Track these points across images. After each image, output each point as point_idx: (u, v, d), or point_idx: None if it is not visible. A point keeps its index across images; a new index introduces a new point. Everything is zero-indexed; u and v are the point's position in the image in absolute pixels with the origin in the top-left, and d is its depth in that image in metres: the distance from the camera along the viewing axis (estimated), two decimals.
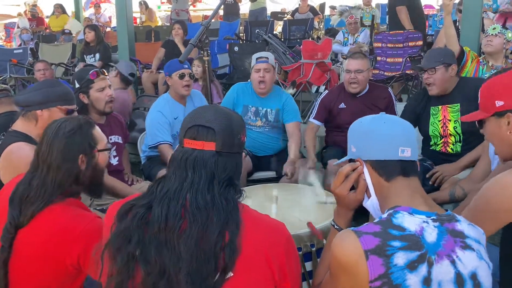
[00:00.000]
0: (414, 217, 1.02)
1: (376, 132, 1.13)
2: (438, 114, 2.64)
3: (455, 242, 1.01)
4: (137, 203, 1.07)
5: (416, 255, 0.97)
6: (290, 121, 3.07)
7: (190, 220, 1.01)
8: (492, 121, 1.34)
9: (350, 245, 0.99)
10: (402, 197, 1.08)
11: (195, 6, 12.12)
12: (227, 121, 1.12)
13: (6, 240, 1.33)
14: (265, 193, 2.24)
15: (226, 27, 7.28)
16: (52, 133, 1.43)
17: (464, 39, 3.51)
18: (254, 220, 1.08)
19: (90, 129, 1.49)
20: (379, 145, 1.12)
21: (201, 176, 1.06)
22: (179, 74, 2.93)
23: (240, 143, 1.15)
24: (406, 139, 1.12)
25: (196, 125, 1.11)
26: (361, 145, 1.16)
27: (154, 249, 1.01)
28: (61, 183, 1.40)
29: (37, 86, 2.03)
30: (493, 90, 1.33)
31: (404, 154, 1.10)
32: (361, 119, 1.22)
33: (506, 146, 1.32)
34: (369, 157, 1.13)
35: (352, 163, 1.19)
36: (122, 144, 2.71)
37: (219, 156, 1.09)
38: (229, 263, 0.99)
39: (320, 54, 5.08)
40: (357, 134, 1.19)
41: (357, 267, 0.97)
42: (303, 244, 1.75)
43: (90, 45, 5.65)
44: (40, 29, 9.94)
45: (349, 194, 1.20)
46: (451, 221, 1.04)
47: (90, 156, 1.47)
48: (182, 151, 1.11)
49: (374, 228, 1.01)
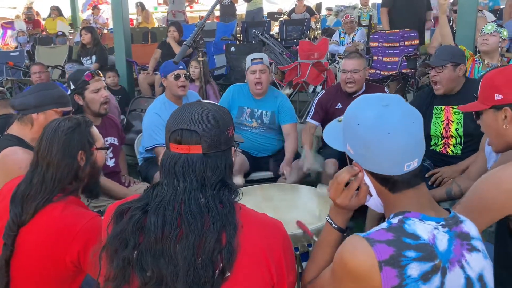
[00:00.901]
0: (425, 224, 0.98)
1: (378, 146, 0.98)
2: (441, 114, 2.62)
3: (461, 245, 0.99)
4: (133, 205, 1.06)
5: (430, 266, 0.94)
6: (286, 122, 3.08)
7: (186, 229, 1.00)
8: (489, 114, 1.35)
9: (363, 255, 0.94)
10: (410, 206, 1.01)
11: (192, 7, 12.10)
12: (212, 120, 1.07)
13: (9, 238, 1.34)
14: (262, 194, 2.24)
15: (223, 28, 7.29)
16: (51, 130, 1.46)
17: (460, 38, 3.53)
18: (251, 220, 1.08)
19: (88, 127, 1.52)
20: (382, 161, 0.99)
21: (191, 182, 1.04)
22: (174, 75, 2.93)
23: (227, 139, 1.10)
24: (412, 150, 0.98)
25: (179, 129, 1.07)
26: (359, 152, 1.02)
27: (151, 258, 1.00)
28: (61, 179, 1.42)
29: (32, 89, 2.04)
30: (494, 83, 1.33)
31: (410, 168, 0.99)
32: (358, 117, 1.01)
33: (500, 139, 1.34)
34: (370, 169, 1.02)
35: (350, 168, 1.07)
36: (118, 146, 2.71)
37: (207, 158, 1.06)
38: (227, 264, 0.99)
39: (317, 54, 5.09)
40: (354, 137, 1.02)
41: (370, 277, 0.93)
42: (300, 244, 1.76)
43: (87, 47, 5.64)
44: (36, 31, 9.92)
45: (350, 201, 1.10)
46: (457, 224, 1.01)
47: (89, 153, 1.49)
48: (170, 155, 1.08)
49: (386, 236, 0.95)
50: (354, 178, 1.06)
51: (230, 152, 1.13)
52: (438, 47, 2.80)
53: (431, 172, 2.49)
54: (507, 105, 1.29)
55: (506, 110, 1.29)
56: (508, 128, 1.30)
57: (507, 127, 1.30)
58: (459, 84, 2.57)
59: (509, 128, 1.30)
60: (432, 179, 2.45)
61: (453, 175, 2.40)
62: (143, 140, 3.03)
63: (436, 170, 2.49)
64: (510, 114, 1.29)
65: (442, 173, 2.44)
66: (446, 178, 2.41)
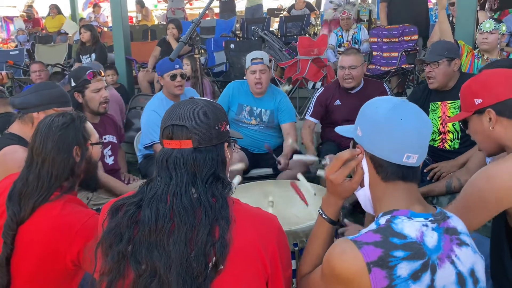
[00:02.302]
0: (414, 222, 0.98)
1: (388, 128, 1.03)
2: (438, 110, 2.63)
3: (451, 240, 0.99)
4: (128, 201, 1.08)
5: (419, 264, 0.94)
6: (285, 121, 3.09)
7: (178, 222, 1.02)
8: (474, 119, 1.38)
9: (350, 258, 0.94)
10: (397, 201, 1.03)
11: (192, 4, 12.09)
12: (201, 115, 1.10)
13: (8, 236, 1.34)
14: (261, 190, 2.24)
15: (223, 25, 7.27)
16: (46, 127, 1.45)
17: (459, 33, 3.51)
18: (245, 214, 1.09)
19: (82, 122, 1.52)
20: (385, 144, 1.03)
21: (182, 176, 1.06)
22: (170, 75, 2.93)
23: (219, 134, 1.12)
24: (416, 144, 1.02)
25: (170, 125, 1.10)
26: (367, 133, 1.07)
27: (145, 250, 1.02)
28: (57, 175, 1.41)
29: (33, 88, 2.04)
30: (471, 90, 1.38)
31: (409, 160, 1.02)
32: (378, 102, 1.09)
33: (490, 142, 1.37)
34: (371, 151, 1.06)
35: (353, 149, 1.11)
36: (116, 143, 2.72)
37: (198, 153, 1.08)
38: (220, 258, 1.00)
39: (316, 50, 5.07)
40: (368, 119, 1.08)
41: (358, 280, 0.93)
42: (299, 240, 1.76)
43: (86, 45, 5.63)
44: (36, 30, 9.91)
45: (344, 182, 1.12)
46: (445, 220, 1.02)
47: (84, 148, 1.49)
48: (163, 151, 1.11)
49: (374, 238, 0.96)
50: (354, 159, 1.10)
51: (223, 147, 1.15)
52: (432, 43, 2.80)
53: (429, 167, 2.49)
54: (488, 107, 1.32)
55: (489, 111, 1.33)
56: (494, 129, 1.33)
57: (493, 128, 1.33)
58: (454, 79, 2.58)
59: (496, 128, 1.33)
60: (431, 174, 2.45)
61: (452, 170, 2.41)
62: (142, 137, 3.04)
63: (434, 165, 2.49)
64: (494, 115, 1.32)
65: (440, 167, 2.45)
66: (445, 172, 2.42)
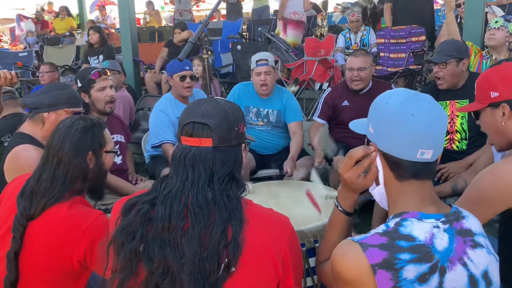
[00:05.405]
0: (424, 223, 0.97)
1: (399, 124, 0.99)
2: (446, 109, 2.61)
3: (464, 242, 0.97)
4: (141, 199, 1.08)
5: (427, 267, 0.92)
6: (292, 120, 3.09)
7: (193, 220, 1.01)
8: (487, 112, 1.35)
9: (353, 260, 0.94)
10: (410, 203, 1.01)
11: (199, 6, 12.11)
12: (223, 114, 1.10)
13: (17, 231, 1.36)
14: (268, 191, 2.25)
15: (229, 26, 7.28)
16: (65, 127, 1.47)
17: (467, 34, 3.49)
18: (258, 215, 1.09)
19: (102, 129, 1.55)
20: (398, 141, 1.00)
21: (200, 174, 1.06)
22: (180, 76, 2.95)
23: (238, 135, 1.12)
24: (430, 139, 0.99)
25: (191, 122, 1.09)
26: (379, 130, 1.04)
27: (158, 248, 1.01)
28: (72, 178, 1.43)
29: (45, 89, 2.06)
30: (489, 82, 1.34)
31: (423, 156, 0.99)
32: (388, 96, 1.05)
33: (501, 136, 1.34)
34: (384, 149, 1.03)
35: (366, 147, 1.08)
36: (124, 143, 2.74)
37: (217, 152, 1.08)
38: (233, 259, 1.00)
39: (323, 51, 5.07)
40: (379, 115, 1.04)
41: (362, 282, 0.93)
42: (307, 240, 1.76)
43: (94, 46, 5.68)
44: (45, 31, 9.99)
45: (358, 180, 1.09)
46: (459, 220, 1.00)
47: (98, 155, 1.51)
48: (181, 148, 1.10)
49: (380, 240, 0.95)
50: (368, 157, 1.07)
51: (240, 148, 1.15)
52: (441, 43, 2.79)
53: (438, 167, 2.48)
54: (504, 101, 1.30)
55: (504, 106, 1.30)
56: (507, 125, 1.31)
57: (506, 123, 1.31)
58: (463, 78, 2.57)
59: (508, 124, 1.30)
60: (438, 175, 2.44)
61: (459, 170, 2.39)
62: (150, 137, 3.06)
63: (441, 166, 2.48)
64: (508, 110, 1.30)
65: (448, 168, 2.44)
66: (452, 173, 2.41)
